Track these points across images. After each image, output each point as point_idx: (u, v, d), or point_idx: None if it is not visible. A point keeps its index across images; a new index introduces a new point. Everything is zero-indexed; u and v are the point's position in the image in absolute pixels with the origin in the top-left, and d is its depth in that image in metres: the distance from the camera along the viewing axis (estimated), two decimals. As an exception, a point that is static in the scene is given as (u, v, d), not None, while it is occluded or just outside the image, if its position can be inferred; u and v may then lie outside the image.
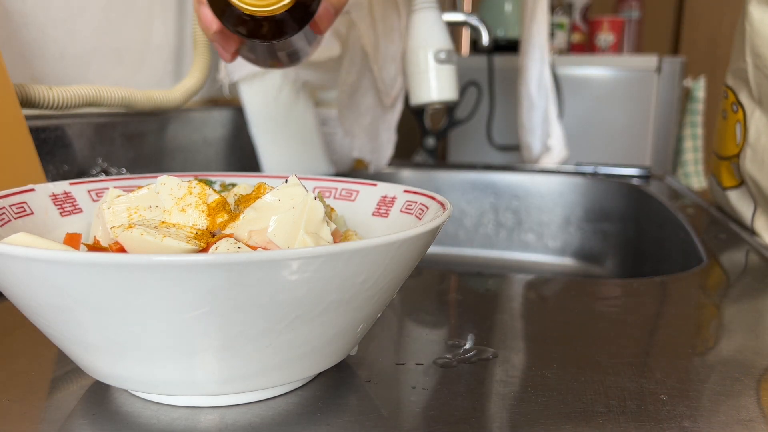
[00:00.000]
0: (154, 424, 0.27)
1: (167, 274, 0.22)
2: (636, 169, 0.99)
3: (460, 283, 0.51)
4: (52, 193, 0.35)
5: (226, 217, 0.31)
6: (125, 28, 0.71)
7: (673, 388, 0.31)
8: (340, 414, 0.28)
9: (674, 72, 1.50)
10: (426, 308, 0.43)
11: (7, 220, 0.32)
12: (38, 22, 0.58)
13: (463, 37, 1.98)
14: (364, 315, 0.28)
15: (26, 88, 0.52)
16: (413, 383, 0.31)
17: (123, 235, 0.28)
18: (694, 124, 1.59)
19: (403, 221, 0.35)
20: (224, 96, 0.85)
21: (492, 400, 0.30)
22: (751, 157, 0.62)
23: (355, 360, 0.34)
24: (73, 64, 0.63)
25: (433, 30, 0.77)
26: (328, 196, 0.40)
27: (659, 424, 0.28)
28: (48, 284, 0.23)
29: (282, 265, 0.23)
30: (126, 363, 0.26)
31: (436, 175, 0.96)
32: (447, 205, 0.32)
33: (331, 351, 0.28)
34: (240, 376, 0.26)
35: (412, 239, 0.26)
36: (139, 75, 0.74)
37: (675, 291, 0.47)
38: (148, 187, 0.32)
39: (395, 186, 0.37)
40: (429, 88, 0.77)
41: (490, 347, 0.36)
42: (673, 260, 0.68)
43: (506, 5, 1.59)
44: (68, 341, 0.26)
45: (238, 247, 0.28)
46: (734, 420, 0.29)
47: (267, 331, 0.25)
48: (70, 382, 0.31)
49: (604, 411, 0.29)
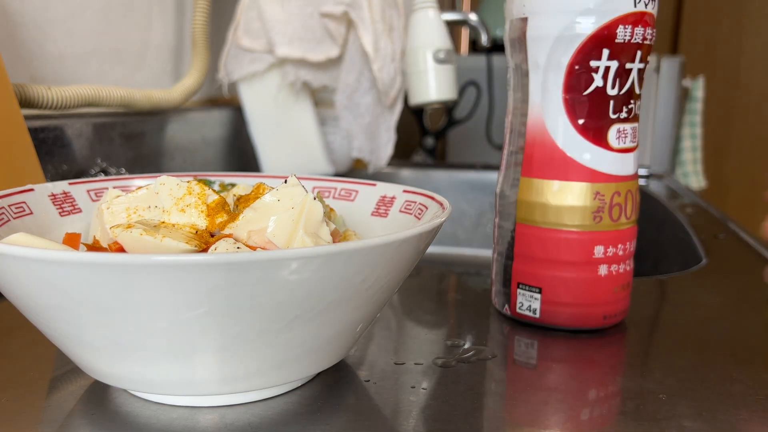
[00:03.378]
0: (153, 424, 0.27)
1: (166, 274, 0.22)
2: (635, 169, 0.99)
3: (459, 283, 0.51)
4: (52, 193, 0.35)
5: (225, 217, 0.31)
6: (124, 28, 0.71)
7: (673, 388, 0.31)
8: (340, 414, 0.28)
9: (673, 72, 1.50)
10: (425, 308, 0.43)
11: (6, 220, 0.32)
12: (37, 21, 0.58)
13: (463, 37, 1.98)
14: (363, 315, 0.28)
15: (25, 88, 0.52)
16: (412, 383, 0.31)
17: (122, 235, 0.28)
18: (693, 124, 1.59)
19: (402, 221, 0.35)
20: (223, 96, 0.85)
21: (491, 400, 0.30)
22: None
23: (354, 360, 0.34)
24: (72, 64, 0.63)
25: (433, 30, 0.77)
26: (328, 196, 0.40)
27: (658, 424, 0.28)
28: (47, 284, 0.23)
29: (281, 265, 0.23)
30: (125, 363, 0.26)
31: (436, 174, 0.96)
32: (446, 204, 0.32)
33: (330, 351, 0.28)
34: (239, 376, 0.26)
35: (412, 239, 0.26)
36: (138, 75, 0.74)
37: (674, 291, 0.47)
38: (148, 187, 0.32)
39: (394, 186, 0.37)
40: (428, 88, 0.77)
41: (490, 347, 0.36)
42: (672, 260, 0.68)
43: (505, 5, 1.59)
44: (68, 341, 0.26)
45: (237, 247, 0.28)
46: (734, 420, 0.29)
47: (266, 331, 0.25)
48: (69, 382, 0.31)
49: (603, 410, 0.29)
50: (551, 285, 0.38)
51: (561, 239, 0.37)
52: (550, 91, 0.36)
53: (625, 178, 0.37)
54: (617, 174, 0.37)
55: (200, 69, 0.77)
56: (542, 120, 0.37)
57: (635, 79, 0.36)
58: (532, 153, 0.38)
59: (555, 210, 0.37)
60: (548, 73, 0.36)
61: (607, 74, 0.36)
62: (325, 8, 0.72)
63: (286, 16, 0.73)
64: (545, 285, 0.38)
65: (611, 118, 0.36)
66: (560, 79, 0.36)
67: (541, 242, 0.38)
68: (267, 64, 0.75)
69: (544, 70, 0.36)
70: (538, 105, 0.37)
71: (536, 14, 0.36)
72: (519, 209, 0.38)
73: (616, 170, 0.37)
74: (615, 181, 0.37)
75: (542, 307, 0.38)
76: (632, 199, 0.38)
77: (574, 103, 0.36)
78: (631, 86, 0.36)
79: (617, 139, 0.37)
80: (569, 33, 0.35)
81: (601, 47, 0.35)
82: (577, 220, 0.37)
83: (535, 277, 0.38)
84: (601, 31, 0.35)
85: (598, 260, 0.37)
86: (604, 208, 0.37)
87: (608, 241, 0.37)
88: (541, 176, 0.37)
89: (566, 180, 0.37)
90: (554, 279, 0.38)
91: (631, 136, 0.37)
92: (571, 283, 0.37)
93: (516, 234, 0.39)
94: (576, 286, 0.37)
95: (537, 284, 0.38)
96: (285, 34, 0.73)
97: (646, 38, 0.36)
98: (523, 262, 0.39)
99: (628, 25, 0.35)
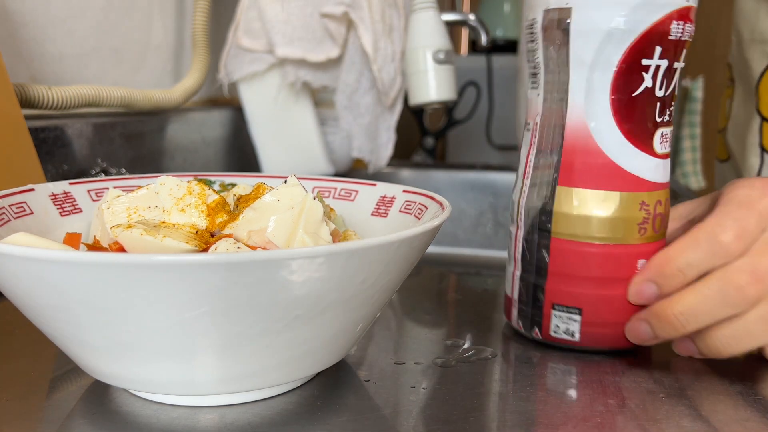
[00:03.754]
0: (153, 424, 0.27)
1: (167, 273, 0.22)
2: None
3: (459, 283, 0.51)
4: (52, 193, 0.35)
5: (225, 217, 0.31)
6: (124, 28, 0.71)
7: (672, 388, 0.32)
8: (340, 413, 0.28)
9: (673, 72, 1.50)
10: (425, 308, 0.43)
11: (6, 220, 0.32)
12: (37, 21, 0.58)
13: (462, 37, 1.98)
14: (363, 314, 0.28)
15: (25, 88, 0.52)
16: (412, 383, 0.31)
17: (123, 234, 0.29)
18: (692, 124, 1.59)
19: (402, 221, 0.35)
20: (224, 96, 0.85)
21: (491, 400, 0.30)
22: (731, 131, 0.64)
23: (354, 359, 0.34)
24: (73, 64, 0.63)
25: (432, 30, 0.77)
26: (328, 196, 0.40)
27: (658, 423, 0.28)
28: (47, 284, 0.23)
29: (281, 264, 0.23)
30: (125, 362, 0.26)
31: (435, 174, 0.96)
32: (446, 204, 0.32)
33: (330, 350, 0.28)
34: (239, 376, 0.26)
35: (411, 239, 0.26)
36: (139, 75, 0.74)
37: (673, 291, 0.47)
38: (148, 187, 0.32)
39: (394, 186, 0.37)
40: (428, 88, 0.77)
41: (489, 347, 0.36)
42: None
43: (505, 5, 1.59)
44: (68, 341, 0.26)
45: (237, 247, 0.28)
46: (733, 419, 0.29)
47: (266, 331, 0.25)
48: (69, 382, 0.31)
49: (602, 410, 0.29)
50: (593, 305, 0.34)
51: (605, 254, 0.34)
52: (596, 91, 0.33)
53: (665, 186, 0.35)
54: (661, 182, 0.34)
55: (200, 69, 0.77)
56: (585, 123, 0.33)
57: (677, 79, 0.34)
58: (573, 160, 0.34)
59: (599, 222, 0.34)
60: (595, 71, 0.33)
61: (657, 74, 0.33)
62: (325, 8, 0.72)
63: (286, 16, 0.73)
64: (586, 305, 0.34)
65: (657, 121, 0.33)
66: (609, 79, 0.33)
67: (582, 258, 0.34)
68: (267, 64, 0.75)
69: (590, 67, 0.33)
70: (581, 107, 0.33)
71: (584, 4, 0.32)
72: (555, 222, 0.35)
73: (660, 177, 0.34)
74: (658, 189, 0.34)
75: (582, 329, 0.35)
76: (668, 207, 0.35)
77: (622, 106, 0.33)
78: (674, 87, 0.34)
79: (661, 144, 0.34)
80: (622, 27, 0.32)
81: (655, 44, 0.32)
82: (622, 233, 0.34)
83: (575, 298, 0.35)
84: (656, 27, 0.32)
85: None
86: (649, 219, 0.34)
87: (651, 254, 0.34)
88: (583, 185, 0.34)
89: (612, 190, 0.33)
90: (597, 298, 0.34)
91: (670, 141, 0.34)
92: (615, 301, 0.34)
93: (552, 250, 0.35)
94: (621, 304, 0.34)
95: (577, 305, 0.35)
96: (285, 34, 0.73)
97: (691, 35, 0.33)
98: (559, 281, 0.35)
99: (680, 21, 0.32)
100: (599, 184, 0.34)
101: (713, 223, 0.31)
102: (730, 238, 0.31)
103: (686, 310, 0.31)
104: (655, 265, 0.33)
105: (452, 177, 0.95)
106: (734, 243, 0.31)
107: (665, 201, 0.35)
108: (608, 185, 0.34)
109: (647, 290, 0.33)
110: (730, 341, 0.31)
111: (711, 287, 0.30)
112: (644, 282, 0.33)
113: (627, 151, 0.33)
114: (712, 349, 0.32)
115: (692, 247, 0.31)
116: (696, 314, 0.31)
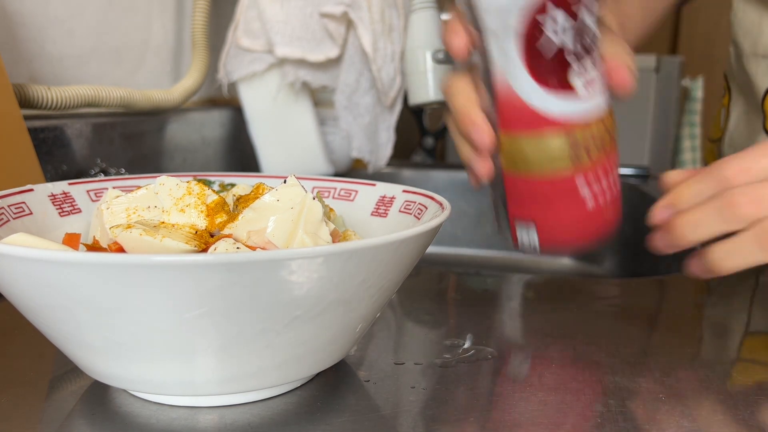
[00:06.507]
0: (153, 424, 0.27)
1: (166, 274, 0.22)
2: (634, 169, 0.99)
3: (458, 283, 0.51)
4: (51, 194, 0.35)
5: (224, 218, 0.31)
6: (124, 28, 0.71)
7: (672, 388, 0.32)
8: (339, 414, 0.28)
9: (672, 72, 1.50)
10: (425, 308, 0.43)
11: (5, 220, 0.32)
12: (37, 22, 0.58)
13: (462, 37, 1.98)
14: (362, 315, 0.28)
15: (25, 88, 0.52)
16: (412, 383, 0.31)
17: (122, 235, 0.29)
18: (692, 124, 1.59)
19: (401, 221, 0.35)
20: (223, 96, 0.85)
21: (491, 400, 0.30)
22: (728, 142, 0.64)
23: (354, 360, 0.34)
24: (72, 64, 0.63)
25: (432, 30, 0.77)
26: (327, 196, 0.40)
27: (657, 424, 0.28)
28: (47, 284, 0.23)
29: (281, 265, 0.23)
30: (125, 363, 0.26)
31: (435, 174, 0.96)
32: (446, 204, 0.32)
33: (330, 351, 0.28)
34: (239, 376, 0.26)
35: (411, 239, 0.26)
36: (138, 75, 0.74)
37: (673, 290, 0.47)
38: (147, 188, 0.32)
39: (394, 186, 0.37)
40: (427, 88, 0.77)
41: (489, 347, 0.36)
42: (671, 260, 0.68)
43: (505, 5, 1.58)
44: (67, 341, 0.26)
45: (237, 247, 0.28)
46: (732, 419, 0.29)
47: (266, 331, 0.25)
48: (69, 382, 0.31)
49: (602, 410, 0.29)
50: (545, 220, 0.36)
51: (546, 182, 0.35)
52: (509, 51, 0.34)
53: (593, 116, 0.35)
54: (583, 116, 0.35)
55: (200, 69, 0.77)
56: (507, 80, 0.34)
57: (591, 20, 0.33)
58: (503, 110, 0.35)
59: (533, 159, 0.35)
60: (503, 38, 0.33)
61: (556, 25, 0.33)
62: (325, 8, 0.72)
63: (285, 17, 0.73)
64: (539, 221, 0.36)
65: (569, 62, 0.33)
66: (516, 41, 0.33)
67: (528, 187, 0.36)
68: (267, 64, 0.75)
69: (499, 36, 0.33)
70: (502, 67, 0.34)
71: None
72: (504, 160, 0.37)
73: (582, 112, 0.34)
74: (583, 122, 0.35)
75: (540, 240, 0.37)
76: (601, 129, 0.35)
77: (534, 61, 0.33)
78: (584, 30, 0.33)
79: (585, 88, 0.34)
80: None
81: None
82: (555, 165, 0.35)
83: (530, 214, 0.37)
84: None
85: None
86: (578, 149, 0.35)
87: (589, 172, 0.35)
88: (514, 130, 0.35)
89: (537, 129, 0.34)
90: (547, 214, 0.36)
91: (589, 72, 0.34)
92: (564, 213, 0.36)
93: (506, 182, 0.37)
94: (570, 215, 0.36)
95: (532, 218, 0.37)
96: (285, 35, 0.73)
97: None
98: (515, 206, 0.37)
99: None
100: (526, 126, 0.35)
101: (720, 162, 0.36)
102: (735, 172, 0.35)
103: (689, 221, 0.35)
104: (671, 194, 0.37)
105: (452, 177, 0.95)
106: (738, 175, 0.35)
107: (596, 127, 0.35)
108: (532, 127, 0.35)
109: (665, 213, 0.37)
110: (724, 257, 0.35)
111: (712, 204, 0.35)
112: (663, 207, 0.38)
113: (542, 95, 0.34)
114: (711, 265, 0.35)
115: (701, 179, 0.36)
116: (696, 225, 0.35)
